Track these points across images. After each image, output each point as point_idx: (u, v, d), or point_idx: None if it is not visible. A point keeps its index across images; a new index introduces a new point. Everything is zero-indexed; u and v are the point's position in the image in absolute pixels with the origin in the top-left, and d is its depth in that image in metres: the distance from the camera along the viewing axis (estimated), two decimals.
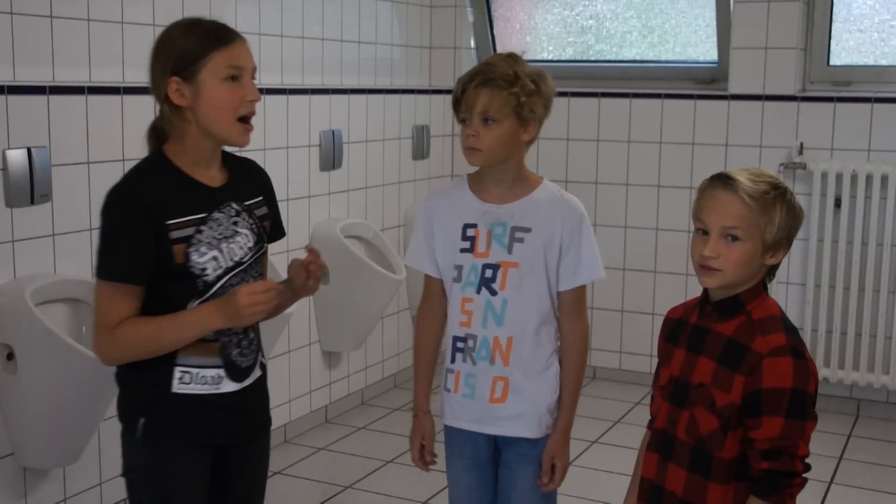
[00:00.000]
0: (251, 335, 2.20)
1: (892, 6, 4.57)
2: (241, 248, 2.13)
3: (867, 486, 3.87)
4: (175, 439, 2.11)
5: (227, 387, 2.13)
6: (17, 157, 2.95)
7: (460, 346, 2.31)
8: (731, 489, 1.87)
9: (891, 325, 4.49)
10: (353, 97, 4.51)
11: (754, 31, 4.61)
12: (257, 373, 2.23)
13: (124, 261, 2.02)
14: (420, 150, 5.04)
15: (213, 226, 2.09)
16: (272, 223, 2.27)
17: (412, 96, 4.97)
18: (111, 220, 2.05)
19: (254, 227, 2.18)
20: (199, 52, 2.04)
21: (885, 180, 4.39)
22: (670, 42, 5.02)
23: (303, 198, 4.19)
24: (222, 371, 2.12)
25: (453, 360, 2.33)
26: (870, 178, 4.43)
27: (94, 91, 3.21)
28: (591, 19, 5.15)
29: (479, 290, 2.27)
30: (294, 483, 3.84)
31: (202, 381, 2.10)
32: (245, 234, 2.15)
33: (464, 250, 2.29)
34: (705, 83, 4.89)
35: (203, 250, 2.07)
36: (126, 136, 3.31)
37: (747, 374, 1.83)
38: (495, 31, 5.26)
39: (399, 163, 4.90)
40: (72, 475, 3.22)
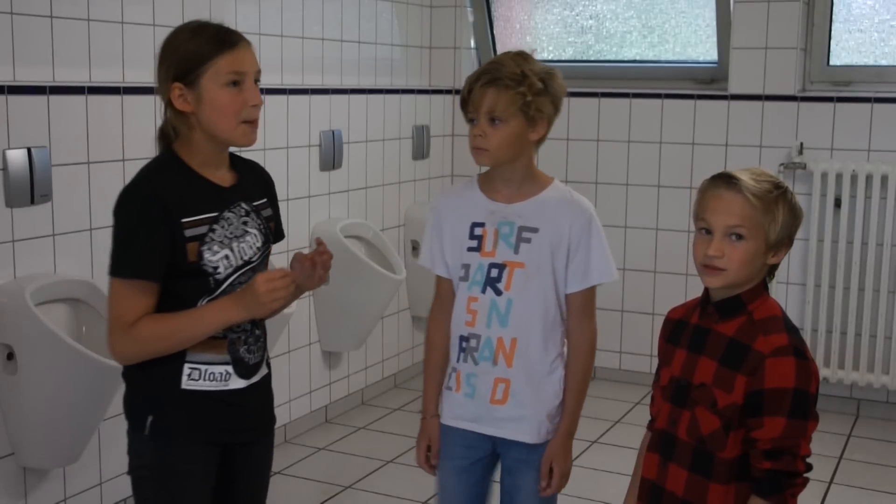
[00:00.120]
0: (258, 332, 2.20)
1: (892, 6, 4.57)
2: (250, 248, 2.15)
3: (867, 486, 3.87)
4: (183, 437, 2.11)
5: (235, 383, 2.14)
6: (17, 157, 2.95)
7: (464, 345, 2.28)
8: (731, 489, 1.87)
9: (891, 325, 4.49)
10: (353, 97, 4.51)
11: (754, 31, 4.61)
12: (264, 370, 2.24)
13: (141, 257, 2.01)
14: (420, 150, 5.04)
15: (224, 225, 2.10)
16: (275, 226, 2.28)
17: (412, 96, 4.96)
18: (126, 218, 2.04)
19: (261, 227, 2.19)
20: (201, 58, 2.04)
21: (885, 180, 4.39)
22: (670, 42, 5.02)
23: (303, 198, 4.19)
24: (230, 368, 2.13)
25: (457, 359, 2.30)
26: (870, 178, 4.43)
27: (94, 91, 3.21)
28: (591, 19, 5.14)
29: (484, 290, 2.24)
30: (294, 483, 3.84)
31: (211, 377, 2.11)
32: (254, 234, 2.16)
33: (471, 249, 2.26)
34: (705, 83, 4.89)
35: (216, 249, 2.08)
36: (126, 136, 3.31)
37: (749, 374, 1.83)
38: (495, 31, 5.25)
39: (399, 163, 4.90)
40: (72, 475, 3.22)
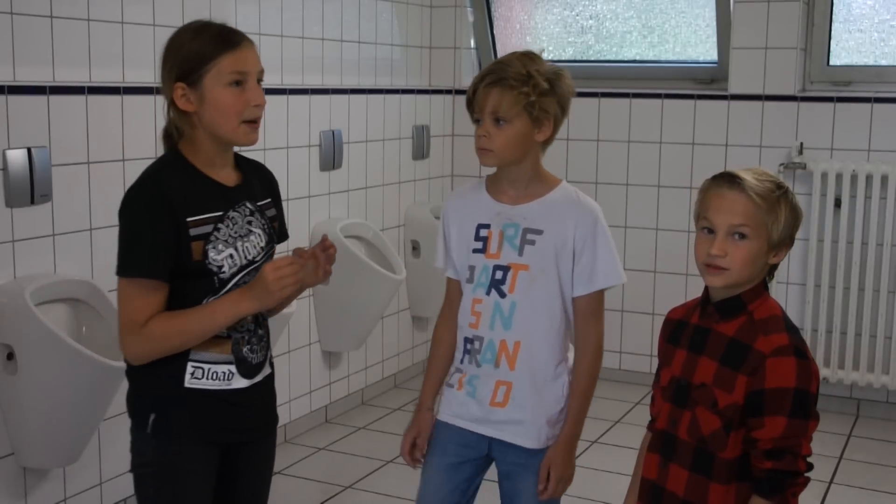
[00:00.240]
0: (261, 332, 2.21)
1: (892, 6, 4.57)
2: (254, 248, 2.15)
3: (867, 486, 3.87)
4: (185, 435, 2.11)
5: (238, 383, 2.14)
6: (17, 157, 2.95)
7: (468, 347, 2.26)
8: (732, 489, 1.87)
9: (891, 325, 4.49)
10: (353, 97, 4.51)
11: (754, 31, 4.61)
12: (267, 370, 2.24)
13: (148, 256, 2.01)
14: (420, 150, 5.04)
15: (229, 224, 2.10)
16: (279, 226, 2.28)
17: (412, 96, 4.96)
18: (132, 218, 2.04)
19: (265, 227, 2.20)
20: (204, 58, 2.04)
21: (885, 180, 4.39)
22: (670, 42, 5.02)
23: (303, 198, 4.19)
24: (233, 367, 2.13)
25: (461, 360, 2.28)
26: (870, 178, 4.43)
27: (94, 91, 3.21)
28: (591, 19, 5.14)
29: (488, 292, 2.21)
30: (294, 483, 3.84)
31: (213, 376, 2.11)
32: (258, 234, 2.17)
33: (476, 251, 2.24)
34: (705, 83, 4.89)
35: (220, 248, 2.08)
36: (126, 136, 3.31)
37: (750, 374, 1.83)
38: (495, 31, 5.25)
39: (399, 163, 4.90)
40: (72, 475, 3.21)
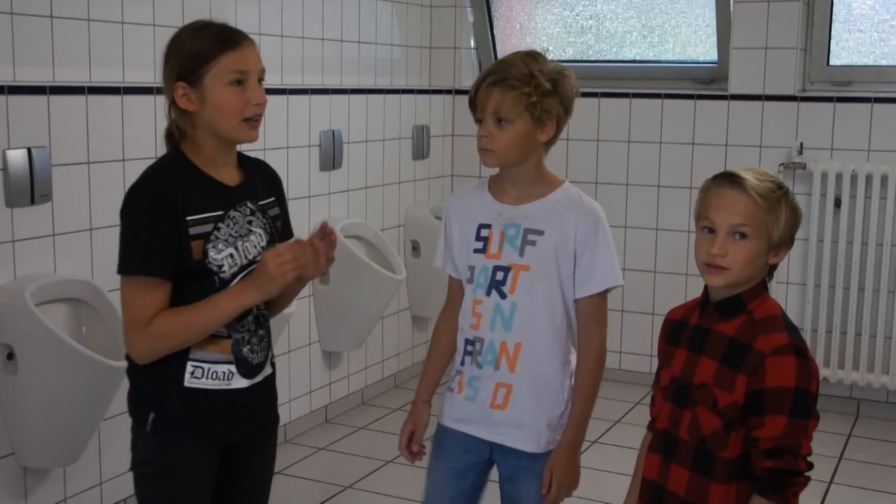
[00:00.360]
0: (262, 332, 2.21)
1: (892, 6, 4.57)
2: (254, 247, 2.15)
3: (867, 486, 3.87)
4: (184, 434, 2.11)
5: (238, 383, 2.14)
6: (17, 157, 2.95)
7: (469, 349, 2.24)
8: (733, 489, 1.87)
9: (891, 325, 4.49)
10: (353, 97, 4.51)
11: (754, 31, 4.61)
12: (268, 370, 2.24)
13: (149, 254, 2.02)
14: (420, 150, 5.04)
15: (229, 224, 2.11)
16: (282, 224, 2.28)
17: (412, 96, 4.96)
18: (133, 216, 2.05)
19: (267, 226, 2.20)
20: (205, 57, 2.05)
21: (885, 180, 4.39)
22: (670, 42, 5.02)
23: (303, 198, 4.19)
24: (233, 367, 2.13)
25: (462, 362, 2.27)
26: (870, 178, 4.43)
27: (94, 91, 3.21)
28: (591, 19, 5.14)
29: (489, 293, 2.20)
30: (294, 483, 3.84)
31: (213, 376, 2.11)
32: (259, 234, 2.16)
33: (477, 251, 2.22)
34: (705, 83, 4.89)
35: (220, 247, 2.08)
36: (126, 136, 3.31)
37: (750, 373, 1.83)
38: (495, 31, 5.25)
39: (399, 163, 4.90)
40: (72, 475, 3.21)
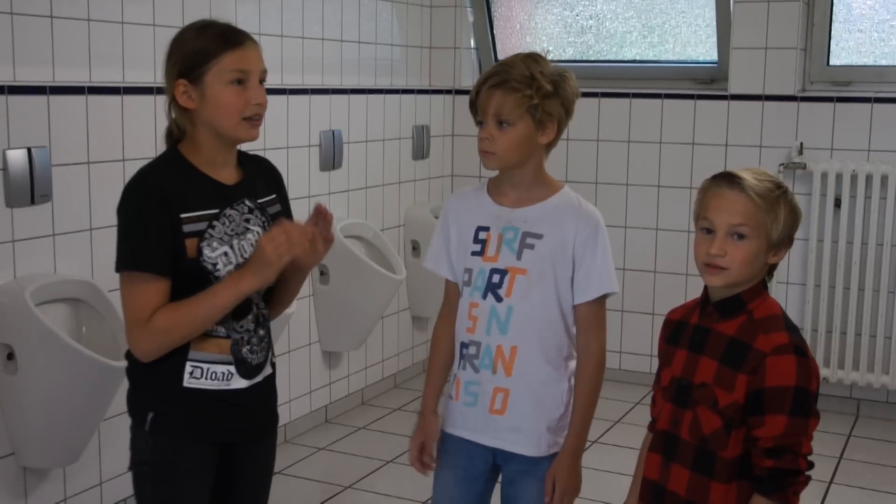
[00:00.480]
0: (262, 333, 2.20)
1: (892, 6, 4.57)
2: (251, 246, 2.14)
3: (867, 486, 3.87)
4: (182, 434, 2.11)
5: (237, 383, 2.14)
6: (17, 157, 2.95)
7: (465, 352, 2.23)
8: (733, 488, 1.87)
9: (891, 325, 4.49)
10: (353, 97, 4.51)
11: (754, 31, 4.61)
12: (268, 370, 2.23)
13: (143, 250, 2.02)
14: (420, 150, 5.04)
15: (225, 222, 2.10)
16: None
17: (412, 96, 4.96)
18: (129, 214, 2.05)
19: (266, 224, 2.19)
20: (206, 55, 2.05)
21: (885, 180, 4.39)
22: (670, 42, 5.02)
23: (303, 198, 4.19)
24: (232, 367, 2.13)
25: (458, 366, 2.25)
26: (870, 178, 4.43)
27: (94, 91, 3.21)
28: (591, 19, 5.14)
29: (485, 296, 2.18)
30: (294, 483, 3.84)
31: (212, 376, 2.11)
32: (256, 232, 2.16)
33: (474, 253, 2.21)
34: (705, 83, 4.89)
35: (215, 245, 2.08)
36: (126, 136, 3.31)
37: (750, 373, 1.83)
38: (495, 31, 5.25)
39: (399, 163, 4.90)
40: (72, 475, 3.21)
